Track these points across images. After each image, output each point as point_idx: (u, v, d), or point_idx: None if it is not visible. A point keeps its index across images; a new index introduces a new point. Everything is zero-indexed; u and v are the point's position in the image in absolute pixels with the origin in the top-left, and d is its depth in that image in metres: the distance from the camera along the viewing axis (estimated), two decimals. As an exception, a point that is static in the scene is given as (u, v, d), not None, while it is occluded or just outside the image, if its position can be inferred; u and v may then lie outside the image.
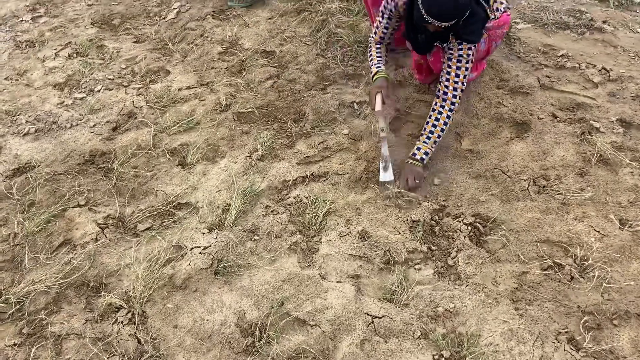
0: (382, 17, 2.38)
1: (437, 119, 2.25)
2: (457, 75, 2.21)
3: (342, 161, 2.42)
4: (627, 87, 2.56)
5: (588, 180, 2.16)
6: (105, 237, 2.15)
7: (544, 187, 2.17)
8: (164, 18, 3.58)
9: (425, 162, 2.26)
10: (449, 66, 2.22)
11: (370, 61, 2.48)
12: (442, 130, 2.26)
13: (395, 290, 1.85)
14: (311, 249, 2.06)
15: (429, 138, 2.26)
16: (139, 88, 2.95)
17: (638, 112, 2.42)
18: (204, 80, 2.97)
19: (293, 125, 2.63)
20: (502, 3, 2.34)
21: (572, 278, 1.82)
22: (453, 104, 2.24)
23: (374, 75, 2.40)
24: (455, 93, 2.23)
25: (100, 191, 2.36)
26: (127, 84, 2.99)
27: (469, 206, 2.15)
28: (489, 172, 2.28)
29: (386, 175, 2.27)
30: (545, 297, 1.79)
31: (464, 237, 2.03)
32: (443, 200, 2.19)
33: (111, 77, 3.05)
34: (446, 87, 2.24)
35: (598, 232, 1.96)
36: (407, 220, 2.12)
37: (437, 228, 2.09)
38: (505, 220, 2.06)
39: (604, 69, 2.67)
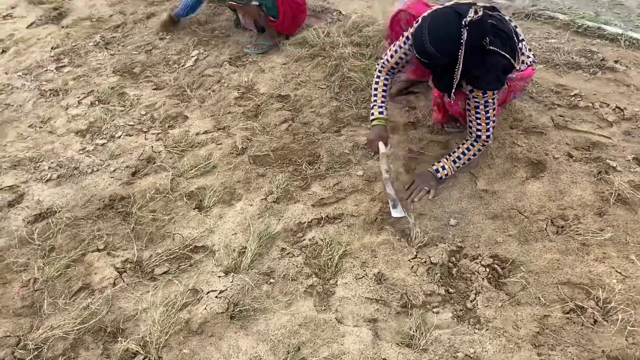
0: (400, 49, 2.36)
1: (467, 150, 2.36)
2: (479, 119, 2.28)
3: (357, 202, 2.43)
4: (642, 126, 2.56)
5: (607, 220, 2.13)
6: (123, 281, 2.17)
7: (562, 227, 2.14)
8: (183, 66, 3.70)
9: (440, 177, 2.36)
10: (469, 110, 2.28)
11: (374, 95, 2.48)
12: (469, 159, 2.38)
13: (414, 335, 1.81)
14: (327, 292, 2.04)
15: (454, 162, 2.36)
16: (158, 133, 3.02)
17: (655, 150, 2.41)
18: (221, 124, 3.04)
19: (308, 167, 2.66)
20: (528, 57, 2.34)
21: (595, 321, 1.78)
22: (486, 142, 2.35)
23: (374, 119, 2.45)
24: (488, 133, 2.31)
25: (119, 235, 2.40)
26: (146, 130, 3.07)
27: (487, 247, 2.13)
28: (505, 212, 2.26)
29: (397, 212, 2.29)
30: (568, 341, 1.74)
31: (483, 279, 2.00)
32: (460, 242, 2.17)
33: (131, 123, 3.14)
34: (479, 130, 2.31)
35: (620, 273, 1.92)
36: (424, 262, 2.10)
37: (454, 270, 2.07)
38: (524, 262, 2.04)
39: (618, 107, 2.67)
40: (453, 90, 2.13)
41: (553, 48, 3.23)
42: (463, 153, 2.36)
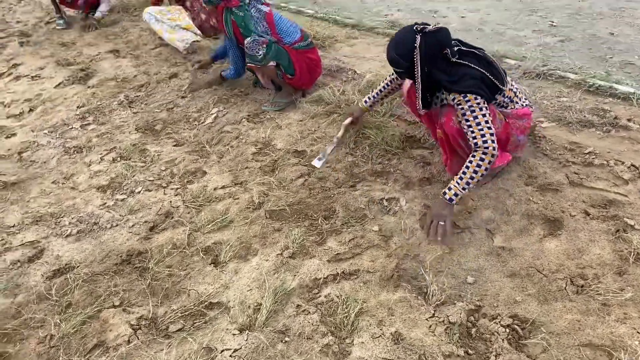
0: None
1: (469, 164, 2.33)
2: (470, 127, 2.32)
3: (373, 258, 2.42)
4: (658, 183, 2.55)
5: (627, 279, 2.09)
6: (138, 339, 2.16)
7: (582, 286, 2.11)
8: (203, 122, 3.82)
9: (454, 202, 2.35)
10: (467, 120, 2.34)
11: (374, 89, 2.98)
12: (475, 172, 2.31)
13: (432, 398, 1.76)
14: (343, 351, 2.01)
15: (461, 179, 2.34)
16: (177, 188, 3.09)
17: (673, 208, 2.38)
18: (238, 179, 3.10)
19: (324, 222, 2.68)
20: (525, 99, 2.54)
21: (621, 387, 1.72)
22: (485, 150, 2.29)
23: (358, 102, 2.92)
24: (484, 139, 2.29)
25: (134, 291, 2.41)
26: (165, 185, 3.14)
27: (506, 307, 2.09)
28: (523, 270, 2.24)
29: (318, 163, 3.00)
30: (593, 407, 1.68)
31: (502, 340, 1.95)
32: (478, 300, 2.14)
33: (151, 178, 3.22)
34: (474, 138, 2.32)
35: (643, 335, 1.87)
36: (442, 321, 2.07)
37: (473, 330, 2.03)
38: (545, 322, 1.99)
39: (633, 165, 2.67)
40: (420, 96, 2.41)
41: (565, 106, 3.28)
42: (467, 167, 2.34)
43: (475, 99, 2.30)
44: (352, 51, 4.66)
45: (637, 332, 1.89)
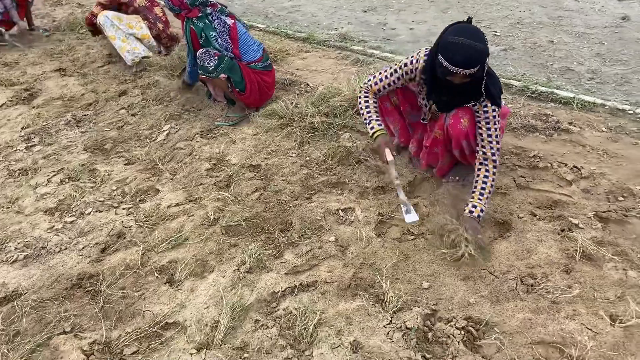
0: (394, 74, 2.54)
1: (485, 178, 2.37)
2: (490, 136, 2.37)
3: (330, 269, 2.43)
4: (599, 184, 2.67)
5: (574, 277, 2.18)
6: (90, 364, 2.08)
7: (532, 286, 2.18)
8: (155, 140, 3.75)
9: (481, 219, 2.35)
10: (480, 128, 2.38)
11: (367, 112, 2.61)
12: (492, 187, 2.39)
13: (392, 405, 1.77)
14: (303, 364, 2.00)
15: (482, 194, 2.35)
16: (129, 208, 3.01)
17: (613, 207, 2.50)
18: (193, 196, 3.06)
19: (280, 235, 2.67)
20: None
21: (571, 381, 1.78)
22: (495, 162, 2.39)
23: (374, 132, 2.54)
24: (494, 151, 2.38)
25: (86, 315, 2.32)
26: (117, 205, 3.06)
27: (460, 309, 2.14)
28: (476, 272, 2.29)
29: (411, 217, 2.38)
30: (546, 403, 1.73)
31: (458, 342, 1.99)
32: (434, 305, 2.18)
33: (101, 199, 3.13)
34: (483, 147, 2.38)
35: (590, 329, 1.94)
36: (399, 327, 2.09)
37: (430, 334, 2.06)
38: (498, 322, 2.04)
39: (576, 167, 2.80)
40: (479, 100, 2.31)
41: (510, 113, 3.41)
42: (484, 182, 2.37)
43: (496, 110, 2.34)
44: (304, 64, 4.71)
45: (586, 327, 1.96)
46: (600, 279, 2.15)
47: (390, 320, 2.12)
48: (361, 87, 2.69)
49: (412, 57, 2.48)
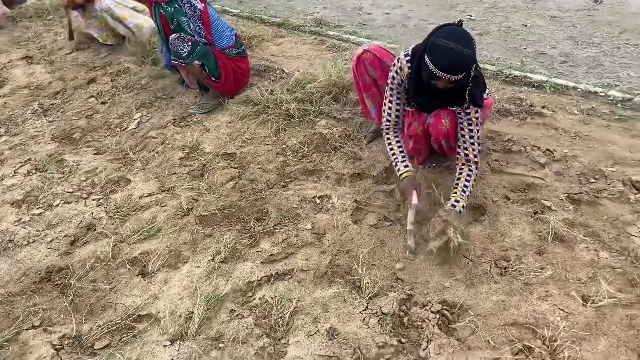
0: (392, 97, 2.49)
1: (468, 177, 2.36)
2: (472, 137, 2.35)
3: (306, 257, 2.41)
4: (571, 166, 2.70)
5: (547, 258, 2.20)
6: (61, 359, 2.03)
7: (505, 268, 2.20)
8: (125, 129, 3.66)
9: (462, 215, 2.31)
10: (462, 129, 2.36)
11: (392, 154, 2.53)
12: (473, 187, 2.39)
13: (368, 391, 1.77)
14: (279, 352, 1.98)
15: (464, 192, 2.33)
16: (99, 199, 2.94)
17: (584, 189, 2.53)
18: (165, 186, 2.99)
19: (256, 224, 2.64)
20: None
21: (543, 361, 1.80)
22: (477, 164, 2.39)
23: (401, 174, 2.46)
24: (475, 153, 2.37)
25: (56, 310, 2.27)
26: (86, 196, 2.98)
27: (435, 293, 2.14)
28: (451, 258, 2.30)
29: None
30: (520, 383, 1.75)
31: (433, 326, 2.00)
32: (409, 290, 2.18)
33: (70, 190, 3.05)
34: (465, 149, 2.38)
35: (562, 310, 1.96)
36: (375, 312, 2.08)
37: (405, 319, 2.06)
38: (472, 305, 2.06)
39: (548, 150, 2.82)
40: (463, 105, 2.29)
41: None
42: (467, 180, 2.35)
43: (478, 111, 2.32)
44: (279, 50, 4.64)
45: (559, 308, 1.99)
46: (572, 260, 2.17)
47: (367, 306, 2.12)
48: (382, 129, 2.64)
49: (394, 66, 2.43)
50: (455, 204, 2.29)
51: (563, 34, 4.38)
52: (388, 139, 2.58)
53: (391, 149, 2.56)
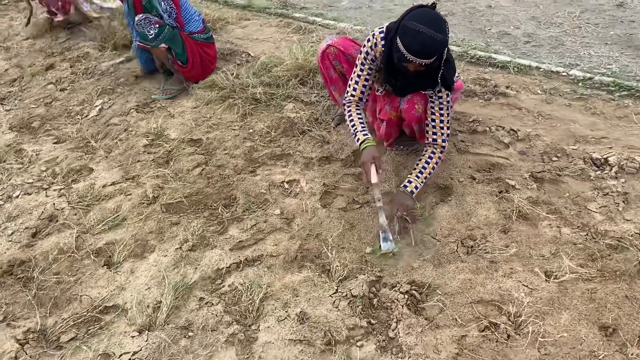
0: (362, 72, 2.42)
1: (429, 160, 2.39)
2: (442, 122, 2.36)
3: (276, 242, 2.40)
4: (535, 145, 2.75)
5: (511, 236, 2.25)
6: (26, 354, 1.98)
7: (471, 247, 2.23)
8: (86, 116, 3.55)
9: (414, 195, 2.35)
10: (433, 114, 2.36)
11: (352, 126, 2.44)
12: (433, 169, 2.40)
13: (339, 373, 1.79)
14: (249, 338, 1.98)
15: (421, 173, 2.36)
16: (61, 189, 2.85)
17: (547, 167, 2.58)
18: (130, 174, 2.93)
19: (224, 210, 2.61)
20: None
21: (508, 336, 1.84)
22: (443, 147, 2.40)
23: (361, 143, 2.36)
24: (444, 137, 2.38)
25: (19, 303, 2.20)
26: (47, 187, 2.89)
27: (404, 274, 2.17)
28: (419, 237, 2.32)
29: (388, 245, 2.25)
30: (485, 359, 1.79)
31: (402, 306, 2.02)
32: (379, 271, 2.19)
33: (30, 180, 2.95)
34: (434, 133, 2.38)
35: (526, 286, 2.01)
36: (345, 295, 2.09)
37: (375, 300, 2.08)
38: (440, 285, 2.09)
39: (512, 130, 2.86)
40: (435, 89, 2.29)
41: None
42: (427, 162, 2.37)
43: (449, 94, 2.31)
44: (244, 33, 4.56)
45: (522, 284, 2.03)
46: (535, 237, 2.22)
47: (336, 290, 2.13)
48: (343, 103, 2.56)
49: (369, 42, 2.38)
50: (408, 185, 2.35)
51: (526, 15, 4.43)
52: (349, 111, 2.48)
53: (351, 120, 2.46)
